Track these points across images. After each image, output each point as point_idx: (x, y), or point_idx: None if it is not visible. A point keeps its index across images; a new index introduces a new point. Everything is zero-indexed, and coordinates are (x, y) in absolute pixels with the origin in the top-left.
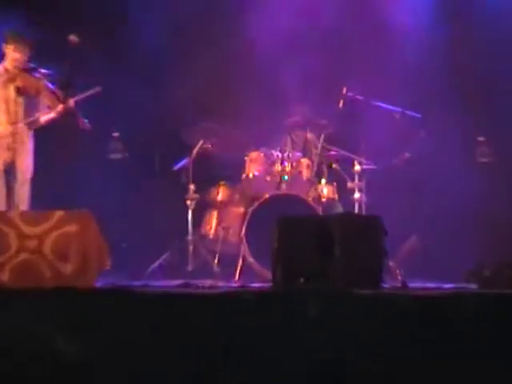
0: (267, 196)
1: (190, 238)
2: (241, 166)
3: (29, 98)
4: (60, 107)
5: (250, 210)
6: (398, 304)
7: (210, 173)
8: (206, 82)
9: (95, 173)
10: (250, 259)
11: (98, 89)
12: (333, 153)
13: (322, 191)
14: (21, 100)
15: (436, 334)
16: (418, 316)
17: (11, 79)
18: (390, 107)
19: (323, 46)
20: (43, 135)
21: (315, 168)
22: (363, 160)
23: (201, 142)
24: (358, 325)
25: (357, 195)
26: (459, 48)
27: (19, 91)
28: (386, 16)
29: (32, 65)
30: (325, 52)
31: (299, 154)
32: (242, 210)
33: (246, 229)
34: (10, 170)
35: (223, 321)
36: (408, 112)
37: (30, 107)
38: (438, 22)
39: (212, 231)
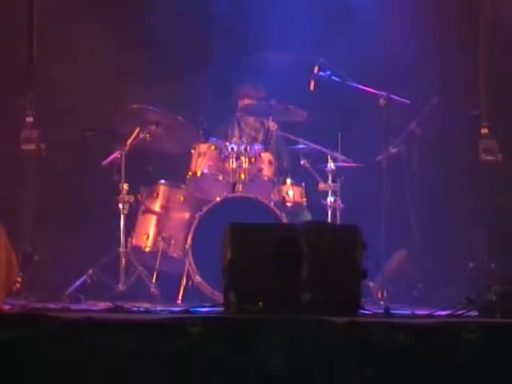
0: (219, 199)
1: (121, 250)
2: (186, 162)
3: None
4: None
5: (198, 216)
6: (379, 336)
7: (147, 170)
8: (144, 58)
9: (2, 167)
10: (197, 277)
11: None
12: (301, 146)
13: (288, 194)
14: None
15: (425, 372)
16: (403, 351)
17: None
18: (373, 90)
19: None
20: None
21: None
22: (339, 155)
23: (137, 131)
24: (331, 362)
25: (330, 199)
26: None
27: None
28: None
29: None
30: (292, 21)
31: (260, 146)
32: (187, 215)
33: (192, 239)
34: None
35: (162, 355)
36: (394, 97)
37: None
38: None
39: (149, 242)
